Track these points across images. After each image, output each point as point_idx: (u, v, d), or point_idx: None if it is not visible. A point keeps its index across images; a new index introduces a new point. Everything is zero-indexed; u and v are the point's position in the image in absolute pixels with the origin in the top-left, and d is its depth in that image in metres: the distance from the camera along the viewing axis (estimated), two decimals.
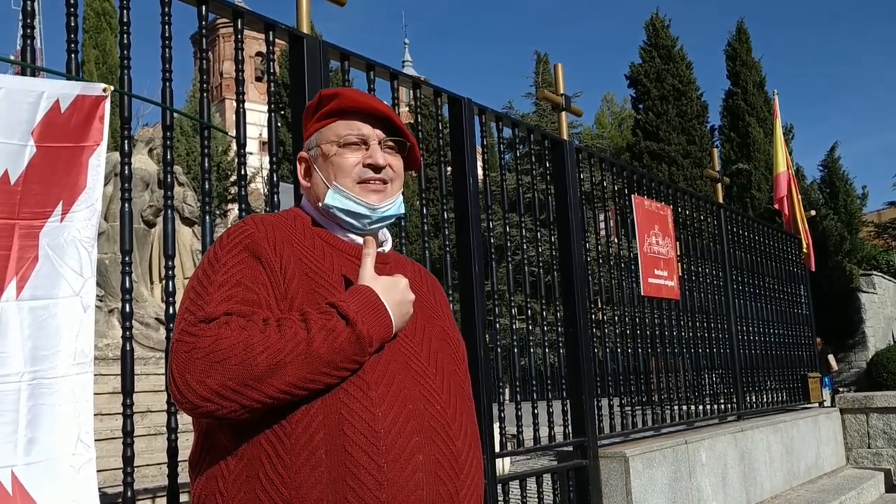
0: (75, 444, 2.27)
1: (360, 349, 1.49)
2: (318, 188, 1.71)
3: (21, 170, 2.25)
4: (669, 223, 6.02)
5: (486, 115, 4.34)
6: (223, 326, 1.46)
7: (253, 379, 1.42)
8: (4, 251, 2.21)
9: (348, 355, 1.48)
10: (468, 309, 3.90)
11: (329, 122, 1.71)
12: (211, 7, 2.95)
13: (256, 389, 1.42)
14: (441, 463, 1.54)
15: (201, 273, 1.58)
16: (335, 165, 1.68)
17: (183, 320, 1.50)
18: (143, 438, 6.59)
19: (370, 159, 1.68)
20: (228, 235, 1.62)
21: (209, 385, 1.42)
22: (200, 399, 1.43)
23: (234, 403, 1.42)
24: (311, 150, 1.74)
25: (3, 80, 2.21)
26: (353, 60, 3.57)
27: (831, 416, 8.52)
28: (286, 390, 1.44)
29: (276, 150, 3.11)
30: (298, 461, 1.45)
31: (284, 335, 1.45)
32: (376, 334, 1.52)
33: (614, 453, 4.70)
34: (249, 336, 1.44)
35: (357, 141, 1.69)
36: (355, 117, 1.70)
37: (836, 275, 25.61)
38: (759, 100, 28.38)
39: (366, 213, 1.68)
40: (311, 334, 1.46)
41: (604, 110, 49.81)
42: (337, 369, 1.47)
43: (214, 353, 1.42)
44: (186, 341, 1.45)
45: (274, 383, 1.43)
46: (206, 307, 1.50)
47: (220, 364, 1.42)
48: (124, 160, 2.61)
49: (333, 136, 1.69)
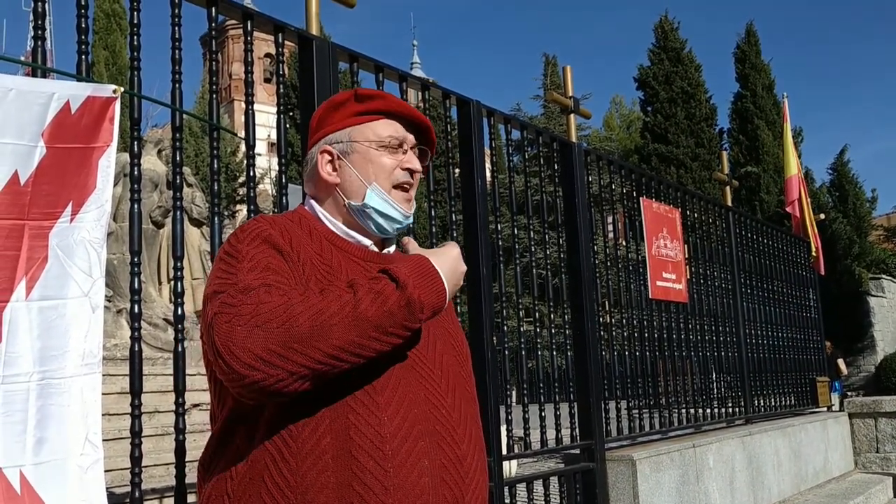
0: (83, 444, 2.28)
1: (410, 314, 1.45)
2: (351, 184, 1.69)
3: (31, 170, 2.26)
4: (678, 226, 6.01)
5: (495, 117, 4.34)
6: (264, 293, 1.42)
7: (297, 341, 1.37)
8: (14, 252, 2.22)
9: (398, 320, 1.44)
10: (476, 311, 3.90)
11: (368, 120, 1.70)
12: (221, 9, 2.96)
13: (302, 353, 1.38)
14: (447, 467, 1.53)
15: (223, 265, 1.54)
16: (375, 165, 1.68)
17: (218, 298, 1.46)
18: (150, 439, 6.60)
19: (408, 164, 1.69)
20: (243, 231, 1.59)
21: (253, 350, 1.37)
22: (246, 367, 1.37)
23: (281, 370, 1.37)
24: (341, 143, 1.70)
25: (14, 81, 2.21)
26: (362, 62, 3.57)
27: (840, 420, 8.49)
28: (334, 354, 1.39)
29: (285, 151, 3.12)
30: (305, 465, 1.45)
31: (327, 297, 1.42)
32: (428, 300, 1.48)
33: (621, 456, 4.69)
34: (290, 299, 1.41)
35: (397, 144, 1.70)
36: (397, 119, 1.71)
37: (845, 278, 25.54)
38: (768, 102, 28.32)
39: (399, 219, 1.69)
40: (357, 296, 1.42)
41: (612, 112, 49.78)
42: (387, 334, 1.43)
43: (256, 317, 1.39)
44: (226, 312, 1.41)
45: (320, 346, 1.38)
46: (241, 283, 1.46)
47: (262, 327, 1.38)
48: (134, 161, 2.62)
49: (373, 136, 1.69)
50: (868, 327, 25.39)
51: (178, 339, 2.67)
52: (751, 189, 27.46)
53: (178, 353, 2.66)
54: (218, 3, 2.93)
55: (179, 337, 2.67)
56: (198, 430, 6.21)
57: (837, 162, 29.85)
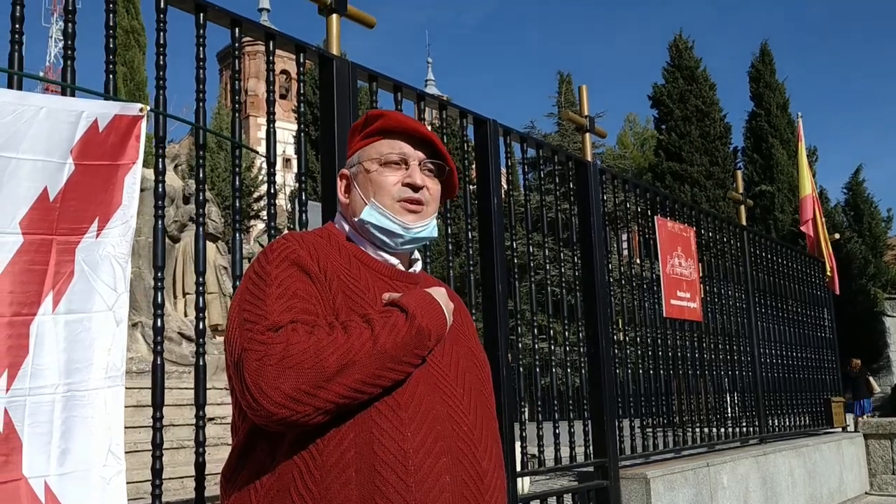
0: (106, 455, 2.31)
1: (420, 342, 1.55)
2: (356, 204, 1.73)
3: (60, 187, 2.31)
4: (692, 245, 6.02)
5: (511, 136, 4.39)
6: (292, 333, 1.48)
7: (325, 380, 1.44)
8: (42, 266, 2.26)
9: (410, 349, 1.54)
10: (491, 328, 3.92)
11: (373, 141, 1.75)
12: (244, 29, 3.02)
13: (328, 390, 1.44)
14: (467, 483, 1.56)
15: (252, 287, 1.58)
16: (375, 183, 1.71)
17: (248, 331, 1.51)
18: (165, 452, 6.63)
19: (409, 179, 1.71)
20: (272, 251, 1.63)
21: (284, 390, 1.43)
22: (276, 405, 1.44)
23: (308, 406, 1.44)
24: (353, 167, 1.77)
25: (46, 99, 2.27)
26: (381, 82, 3.63)
27: (855, 441, 8.44)
28: (356, 388, 1.47)
29: (304, 168, 3.16)
30: (329, 478, 1.48)
31: (351, 336, 1.49)
32: (434, 328, 1.58)
33: (635, 474, 4.69)
34: (318, 340, 1.47)
35: (398, 160, 1.71)
36: (399, 137, 1.73)
37: (860, 298, 25.39)
38: (782, 121, 28.31)
39: (399, 233, 1.70)
40: (375, 332, 1.50)
41: (626, 130, 49.74)
42: (401, 364, 1.52)
43: (287, 359, 1.44)
44: (257, 349, 1.47)
45: (345, 382, 1.45)
46: (270, 317, 1.51)
47: (294, 369, 1.44)
48: (158, 178, 2.67)
49: (375, 154, 1.73)
50: (884, 348, 25.23)
51: (199, 353, 2.71)
52: (765, 208, 27.40)
53: (198, 367, 2.70)
54: (241, 23, 2.99)
55: (201, 351, 2.71)
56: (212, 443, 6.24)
57: (852, 181, 29.76)
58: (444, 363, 1.64)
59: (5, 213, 2.19)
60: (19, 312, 2.20)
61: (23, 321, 2.21)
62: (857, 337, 23.75)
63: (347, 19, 3.49)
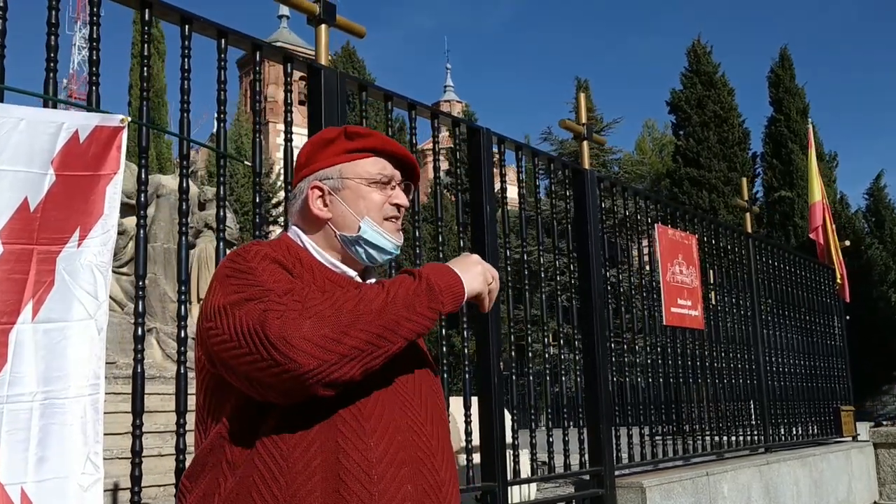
0: (84, 463, 2.34)
1: (433, 297, 1.58)
2: (343, 219, 1.75)
3: (41, 197, 2.35)
4: (694, 252, 6.00)
5: (506, 144, 4.40)
6: (307, 293, 1.54)
7: (347, 325, 1.48)
8: (22, 275, 2.30)
9: (423, 301, 1.57)
10: (483, 336, 3.94)
11: (358, 157, 1.77)
12: (231, 41, 3.06)
13: (351, 335, 1.47)
14: (427, 493, 1.59)
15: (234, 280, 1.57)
16: (366, 200, 1.76)
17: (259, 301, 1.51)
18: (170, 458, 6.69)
19: (396, 199, 1.79)
20: (246, 251, 1.64)
21: (310, 338, 1.45)
22: (304, 355, 1.44)
23: (334, 354, 1.46)
24: (331, 180, 1.77)
25: (25, 111, 2.31)
26: (371, 91, 3.65)
27: (864, 450, 8.36)
28: (378, 332, 1.50)
29: (291, 175, 3.19)
30: (295, 484, 1.49)
31: (363, 290, 1.56)
32: (445, 285, 1.62)
33: (631, 483, 4.68)
34: (333, 295, 1.54)
35: (386, 181, 1.78)
36: (385, 157, 1.79)
37: (880, 305, 25.14)
38: (802, 127, 28.10)
39: (390, 250, 1.78)
40: (386, 287, 1.57)
41: (644, 136, 49.59)
42: (416, 314, 1.56)
43: (307, 310, 1.49)
44: (276, 309, 1.49)
45: (366, 328, 1.49)
46: (277, 286, 1.54)
47: (314, 318, 1.47)
48: (141, 188, 2.70)
49: (364, 173, 1.76)
50: None
51: (181, 361, 2.74)
52: (784, 214, 27.22)
53: (179, 374, 2.73)
54: (227, 34, 3.02)
55: (182, 359, 2.75)
56: None
57: (873, 187, 29.52)
58: (402, 372, 1.67)
59: None
60: None
61: (1, 329, 2.25)
62: (876, 344, 23.51)
63: (336, 29, 3.52)
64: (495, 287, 1.73)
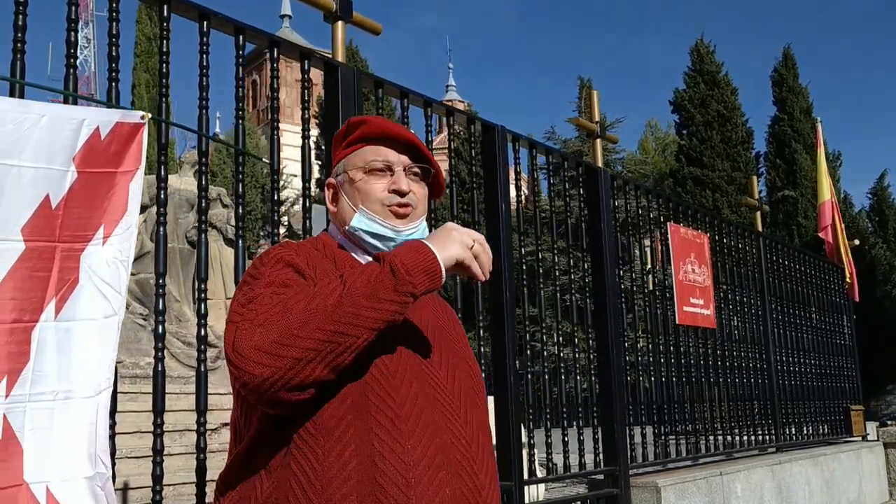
0: (96, 460, 2.33)
1: (399, 280, 1.48)
2: (344, 213, 1.74)
3: (62, 194, 2.33)
4: (706, 251, 5.98)
5: (520, 142, 4.38)
6: (267, 298, 1.50)
7: (297, 327, 1.43)
8: (45, 273, 2.28)
9: (388, 286, 1.47)
10: (499, 335, 3.92)
11: (356, 149, 1.74)
12: (248, 37, 3.04)
13: (302, 337, 1.42)
14: (466, 496, 1.56)
15: (245, 288, 1.60)
16: (362, 191, 1.71)
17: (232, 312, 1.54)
18: (181, 457, 6.67)
19: (395, 185, 1.70)
20: (268, 255, 1.65)
21: (259, 347, 1.43)
22: (254, 364, 1.43)
23: (287, 360, 1.42)
24: (339, 175, 1.77)
25: (47, 108, 2.29)
26: (387, 88, 3.63)
27: (875, 450, 8.33)
28: (334, 329, 1.44)
29: (308, 174, 3.17)
30: (331, 489, 1.47)
31: (319, 284, 1.50)
32: (412, 262, 1.50)
33: (646, 483, 4.66)
34: (286, 296, 1.49)
35: (383, 167, 1.71)
36: (382, 143, 1.72)
37: (885, 304, 25.09)
38: (805, 126, 28.04)
39: (391, 236, 1.69)
40: (345, 278, 1.49)
41: (647, 136, 49.51)
42: (380, 301, 1.46)
43: (257, 318, 1.46)
44: (234, 321, 1.49)
45: (320, 325, 1.43)
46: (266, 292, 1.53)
47: (263, 325, 1.44)
48: (161, 185, 2.68)
49: (360, 162, 1.72)
50: None
51: (201, 360, 2.73)
52: (788, 213, 27.17)
53: (199, 372, 2.71)
54: (245, 31, 3.01)
55: (203, 357, 2.73)
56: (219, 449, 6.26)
57: (877, 186, 29.45)
58: (441, 375, 1.65)
59: (7, 220, 2.21)
60: (20, 319, 2.22)
61: (24, 328, 2.23)
62: (882, 343, 23.46)
63: (353, 26, 3.50)
64: (482, 250, 1.60)
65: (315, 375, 1.44)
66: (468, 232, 1.60)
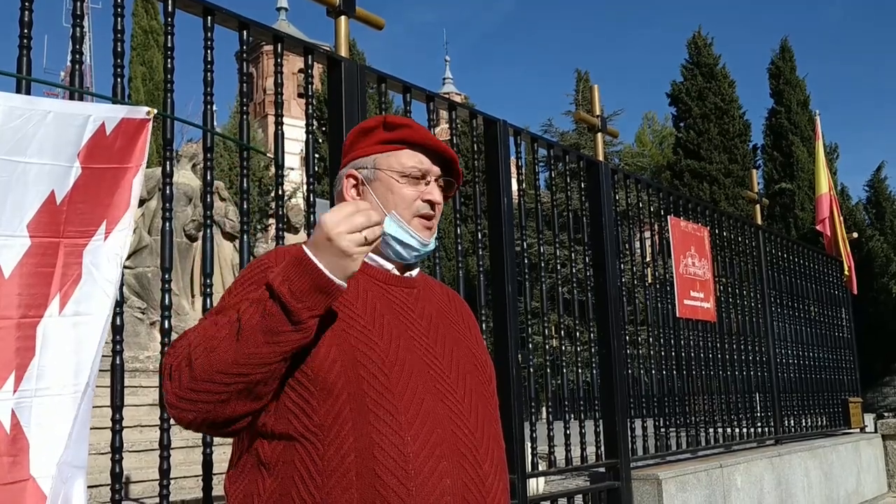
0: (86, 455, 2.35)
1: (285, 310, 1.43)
2: None
3: (67, 190, 2.33)
4: (706, 244, 6.00)
5: (522, 136, 4.38)
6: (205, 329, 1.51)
7: (208, 371, 1.45)
8: (49, 268, 2.29)
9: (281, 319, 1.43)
10: (501, 328, 3.92)
11: (394, 149, 1.72)
12: (252, 32, 3.03)
13: (216, 382, 1.45)
14: (469, 486, 1.56)
15: (219, 301, 1.65)
16: (396, 195, 1.70)
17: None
18: (181, 450, 6.69)
19: (429, 196, 1.70)
20: (250, 269, 1.66)
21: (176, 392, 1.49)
22: (177, 409, 1.51)
23: (204, 403, 1.47)
24: (366, 170, 1.74)
25: (53, 104, 2.29)
26: (391, 83, 3.63)
27: (873, 442, 8.37)
28: (240, 372, 1.44)
29: (312, 169, 3.17)
30: (331, 482, 1.49)
31: (219, 323, 1.48)
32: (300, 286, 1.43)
33: (647, 475, 4.68)
34: (189, 341, 1.50)
35: (420, 175, 1.71)
36: (420, 150, 1.73)
37: (881, 297, 25.17)
38: (802, 118, 28.10)
39: (416, 247, 1.70)
40: (240, 312, 1.47)
41: (644, 128, 49.55)
42: (278, 335, 1.43)
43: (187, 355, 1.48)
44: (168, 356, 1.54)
45: (224, 370, 1.44)
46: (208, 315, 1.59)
47: (184, 369, 1.48)
48: (166, 181, 2.68)
49: (397, 165, 1.71)
50: None
51: None
52: (785, 206, 27.23)
53: None
54: (249, 26, 3.00)
55: None
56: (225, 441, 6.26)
57: (874, 178, 29.51)
58: (443, 365, 1.65)
59: (13, 215, 2.21)
60: (26, 314, 2.22)
61: (30, 323, 2.24)
62: (878, 336, 23.54)
63: (356, 21, 3.50)
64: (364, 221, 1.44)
65: (239, 411, 1.50)
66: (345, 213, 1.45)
